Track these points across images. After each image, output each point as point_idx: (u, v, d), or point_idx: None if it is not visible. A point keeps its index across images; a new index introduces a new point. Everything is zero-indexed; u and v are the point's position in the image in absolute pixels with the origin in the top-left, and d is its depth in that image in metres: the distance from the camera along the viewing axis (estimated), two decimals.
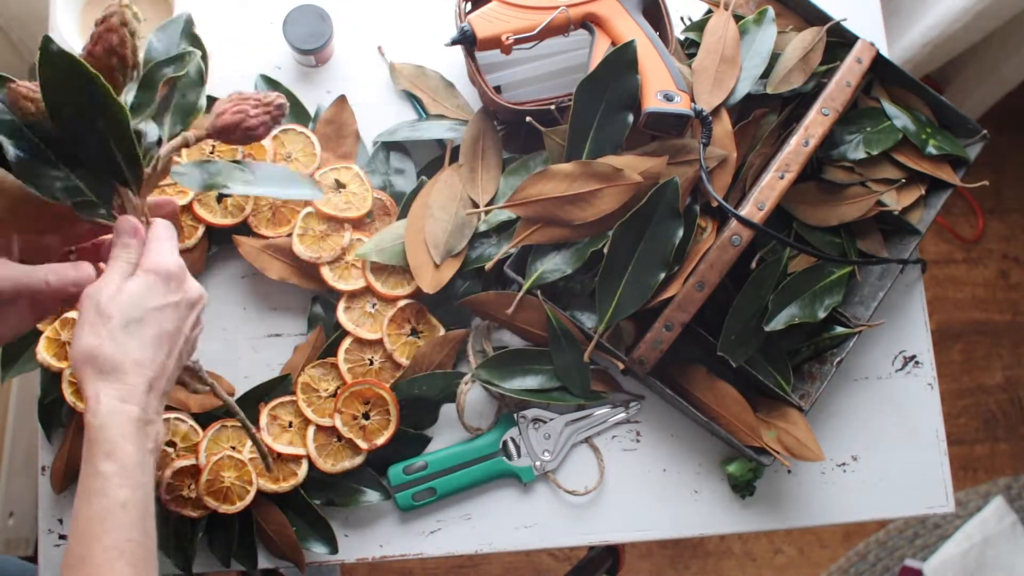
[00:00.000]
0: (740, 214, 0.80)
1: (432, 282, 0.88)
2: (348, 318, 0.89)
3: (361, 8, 0.99)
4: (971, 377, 1.79)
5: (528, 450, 0.89)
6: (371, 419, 0.87)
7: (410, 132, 0.93)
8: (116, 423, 0.60)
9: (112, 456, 0.60)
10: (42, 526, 0.87)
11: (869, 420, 0.94)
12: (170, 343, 0.64)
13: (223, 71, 0.96)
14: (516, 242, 0.87)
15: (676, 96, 0.82)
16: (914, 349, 0.96)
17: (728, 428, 0.86)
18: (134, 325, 0.62)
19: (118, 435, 0.60)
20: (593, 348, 0.86)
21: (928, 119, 0.93)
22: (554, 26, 0.86)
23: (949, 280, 1.83)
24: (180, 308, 0.65)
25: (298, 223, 0.90)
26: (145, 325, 0.63)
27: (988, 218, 1.85)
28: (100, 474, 0.60)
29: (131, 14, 0.63)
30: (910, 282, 0.97)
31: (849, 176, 0.90)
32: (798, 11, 0.94)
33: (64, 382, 0.85)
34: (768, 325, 0.84)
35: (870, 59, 0.88)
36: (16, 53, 1.35)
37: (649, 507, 0.91)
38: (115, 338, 0.61)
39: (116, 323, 0.62)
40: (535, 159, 0.92)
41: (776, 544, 1.70)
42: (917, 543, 1.70)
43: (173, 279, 0.65)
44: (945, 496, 0.93)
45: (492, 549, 0.89)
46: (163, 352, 0.64)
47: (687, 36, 0.93)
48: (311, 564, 0.86)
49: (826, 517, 0.92)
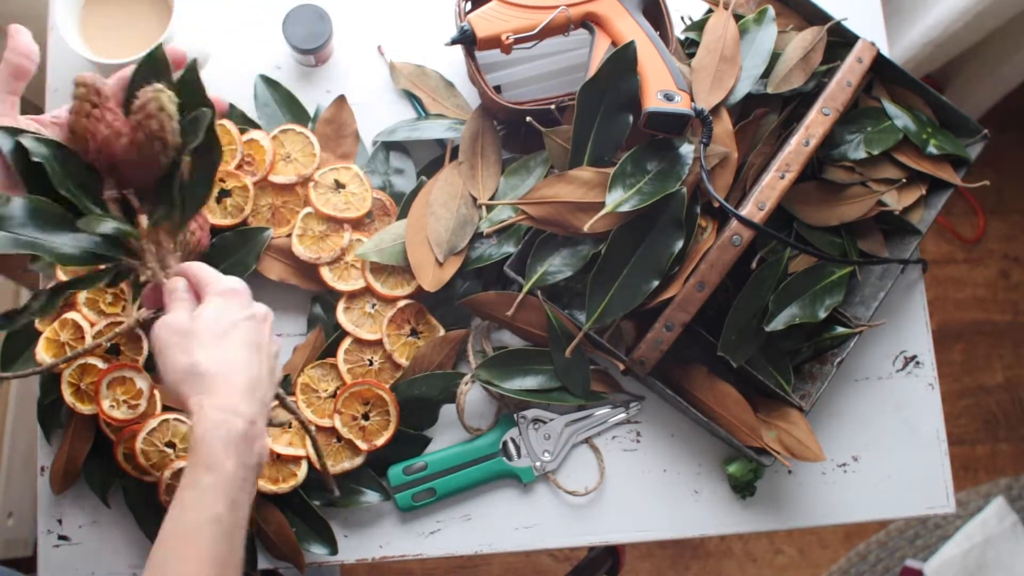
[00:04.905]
0: (741, 214, 0.80)
1: (433, 280, 0.88)
2: (348, 318, 0.89)
3: (361, 8, 0.99)
4: (972, 377, 1.79)
5: (528, 450, 0.89)
6: (371, 420, 0.87)
7: (410, 132, 0.93)
8: (219, 436, 0.60)
9: (212, 469, 0.60)
10: (41, 527, 0.87)
11: (870, 420, 0.94)
12: (258, 353, 0.65)
13: (222, 71, 0.96)
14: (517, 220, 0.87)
15: (676, 96, 0.82)
16: (915, 349, 0.95)
17: (728, 428, 0.86)
18: (221, 338, 0.63)
19: (220, 448, 0.60)
20: (577, 344, 0.86)
21: (929, 119, 0.93)
22: (554, 26, 0.86)
23: (950, 280, 1.83)
24: (256, 320, 0.66)
25: (297, 223, 0.89)
26: (230, 337, 0.64)
27: (989, 218, 1.85)
28: (198, 485, 0.60)
29: (167, 98, 0.65)
30: (911, 282, 0.97)
31: (850, 176, 0.90)
32: (798, 10, 0.94)
33: (63, 383, 0.85)
34: (768, 325, 0.84)
35: (871, 59, 0.88)
36: None
37: (649, 507, 0.91)
38: (208, 351, 0.62)
39: (205, 338, 0.63)
40: (535, 159, 0.92)
41: (777, 544, 1.70)
42: (918, 543, 1.70)
43: (242, 296, 0.67)
44: (946, 496, 0.93)
45: (492, 550, 0.89)
46: (256, 360, 0.64)
47: (687, 36, 0.93)
48: (311, 565, 0.86)
49: (826, 518, 0.91)
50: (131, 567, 0.87)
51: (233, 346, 0.64)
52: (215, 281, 0.67)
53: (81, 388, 0.85)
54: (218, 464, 0.60)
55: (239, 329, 0.65)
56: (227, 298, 0.66)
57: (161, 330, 0.64)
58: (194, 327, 0.63)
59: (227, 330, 0.64)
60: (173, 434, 0.85)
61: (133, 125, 0.66)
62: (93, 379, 0.85)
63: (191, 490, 0.60)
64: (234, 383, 0.62)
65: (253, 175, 0.90)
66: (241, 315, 0.65)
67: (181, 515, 0.60)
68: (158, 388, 0.84)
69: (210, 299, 0.66)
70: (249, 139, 0.90)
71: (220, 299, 0.66)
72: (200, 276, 0.68)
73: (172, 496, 0.82)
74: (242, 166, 0.90)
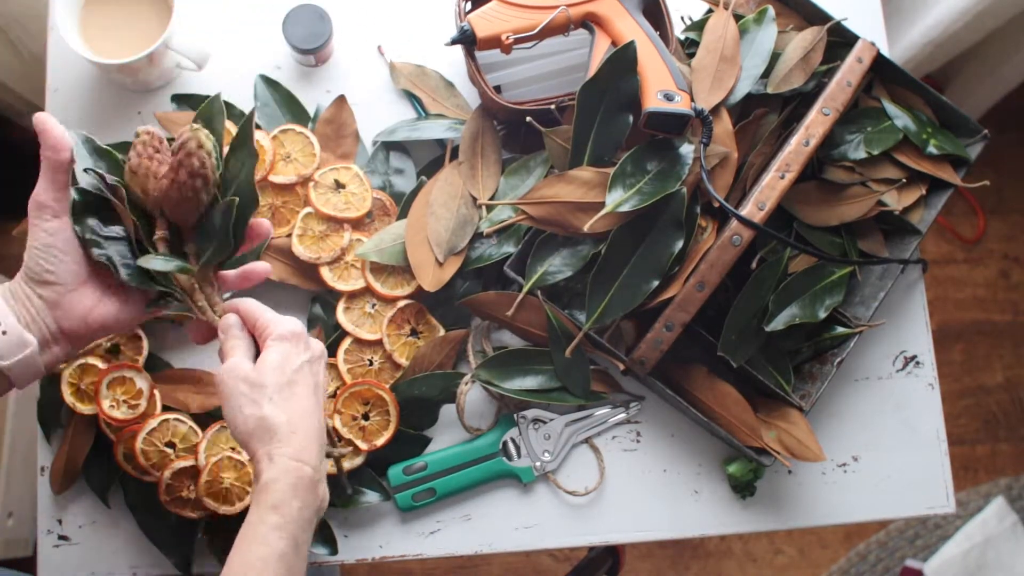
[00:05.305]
0: (741, 214, 0.80)
1: (434, 280, 0.88)
2: (348, 318, 0.89)
3: (361, 8, 0.99)
4: (972, 377, 1.79)
5: (528, 450, 0.89)
6: (371, 420, 0.87)
7: (410, 132, 0.93)
8: (289, 482, 0.62)
9: (278, 509, 0.62)
10: (41, 527, 0.87)
11: (870, 420, 0.94)
12: (318, 396, 0.67)
13: (222, 71, 0.96)
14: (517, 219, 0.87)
15: (676, 96, 0.82)
16: (915, 349, 0.95)
17: (728, 428, 0.86)
18: (287, 388, 0.65)
19: (289, 490, 0.62)
20: (577, 344, 0.86)
21: (929, 119, 0.93)
22: (554, 26, 0.86)
23: (950, 280, 1.83)
24: (315, 363, 0.68)
25: (297, 223, 0.89)
26: (296, 384, 0.66)
27: (989, 218, 1.85)
28: (264, 523, 0.62)
29: (204, 135, 0.67)
30: (911, 282, 0.97)
31: (850, 176, 0.90)
32: (798, 10, 0.94)
33: (63, 383, 0.85)
34: (768, 325, 0.84)
35: (871, 59, 0.88)
36: (16, 53, 1.35)
37: (649, 507, 0.91)
38: (276, 403, 0.64)
39: (271, 389, 0.64)
40: (535, 159, 0.92)
41: (777, 544, 1.70)
42: (918, 543, 1.70)
43: (300, 339, 0.68)
44: (946, 496, 0.93)
45: (492, 550, 0.89)
46: (317, 407, 0.66)
47: (687, 36, 0.93)
48: (311, 565, 0.86)
49: (826, 518, 0.91)
50: (131, 567, 0.87)
51: (300, 395, 0.65)
52: (274, 323, 0.68)
53: (81, 388, 0.85)
54: (286, 505, 0.62)
55: (302, 374, 0.66)
56: (288, 343, 0.67)
57: (227, 377, 0.65)
58: (261, 379, 0.65)
59: (292, 378, 0.66)
60: (173, 434, 0.85)
61: (174, 165, 0.68)
62: (93, 379, 0.85)
63: (257, 527, 0.62)
64: (303, 433, 0.64)
65: None
66: (302, 359, 0.67)
67: (249, 550, 0.61)
68: None
69: (272, 345, 0.67)
70: None
71: (283, 345, 0.67)
72: (256, 315, 0.69)
73: (171, 496, 0.83)
74: None
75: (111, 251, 0.69)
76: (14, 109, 1.50)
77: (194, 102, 0.94)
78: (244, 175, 0.70)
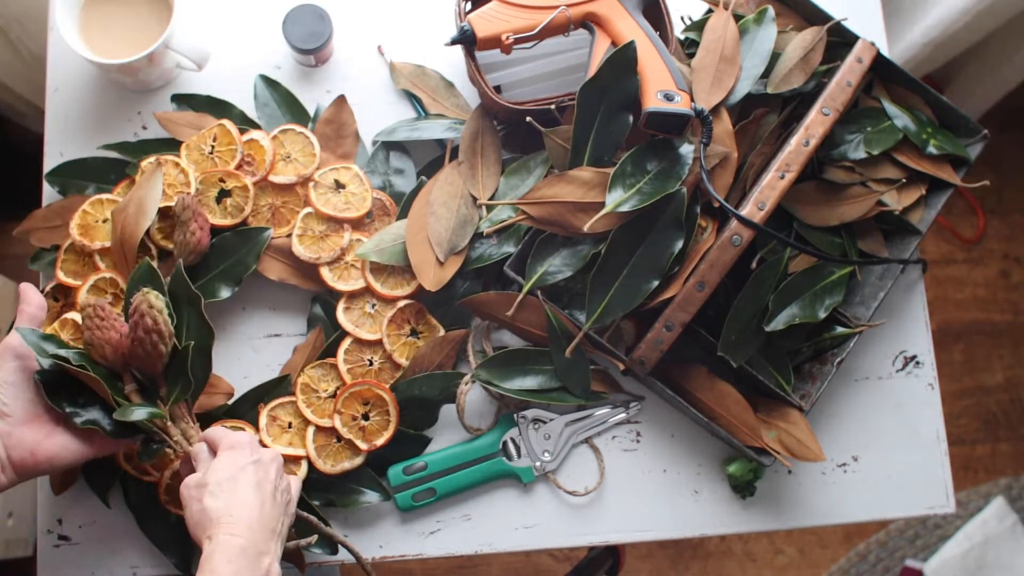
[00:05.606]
0: (741, 214, 0.80)
1: (434, 280, 0.88)
2: (348, 318, 0.89)
3: (361, 8, 0.99)
4: (972, 377, 1.79)
5: (528, 450, 0.89)
6: (371, 420, 0.87)
7: (410, 132, 0.93)
8: (222, 551, 0.67)
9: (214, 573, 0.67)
10: (41, 527, 0.87)
11: (870, 420, 0.94)
12: (262, 490, 0.73)
13: (222, 71, 0.96)
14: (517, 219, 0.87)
15: (676, 96, 0.82)
16: (915, 349, 0.95)
17: (728, 428, 0.86)
18: (228, 482, 0.72)
19: (224, 561, 0.67)
20: (577, 344, 0.86)
21: (929, 119, 0.93)
22: (554, 26, 0.86)
23: (950, 280, 1.83)
24: (261, 464, 0.74)
25: (297, 223, 0.89)
26: (238, 480, 0.72)
27: (989, 218, 1.85)
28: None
29: (154, 296, 0.77)
30: (911, 282, 0.97)
31: (850, 176, 0.90)
32: (798, 10, 0.94)
33: None
34: (768, 325, 0.84)
35: (871, 59, 0.88)
36: (15, 53, 1.35)
37: (649, 507, 0.91)
38: (216, 495, 0.71)
39: (212, 486, 0.71)
40: (535, 159, 0.92)
41: (777, 544, 1.70)
42: (918, 543, 1.70)
43: (248, 446, 0.75)
44: (946, 496, 0.93)
45: (492, 550, 0.89)
46: (259, 497, 0.72)
47: (687, 36, 0.93)
48: (311, 565, 0.86)
49: (826, 517, 0.91)
50: (131, 567, 0.87)
51: (241, 489, 0.72)
52: (223, 437, 0.76)
53: None
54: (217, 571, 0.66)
55: (245, 472, 0.73)
56: (234, 450, 0.74)
57: (184, 489, 0.73)
58: (206, 479, 0.72)
59: (235, 475, 0.72)
60: None
61: (131, 325, 0.77)
62: None
63: None
64: (238, 516, 0.70)
65: (253, 175, 0.90)
66: (247, 460, 0.74)
67: None
68: None
69: (220, 454, 0.74)
70: (249, 139, 0.90)
71: (229, 452, 0.74)
72: (212, 437, 0.77)
73: (171, 496, 0.83)
74: (242, 166, 0.90)
75: (93, 415, 0.77)
76: (14, 109, 1.50)
77: (194, 102, 0.94)
78: (193, 316, 0.80)
